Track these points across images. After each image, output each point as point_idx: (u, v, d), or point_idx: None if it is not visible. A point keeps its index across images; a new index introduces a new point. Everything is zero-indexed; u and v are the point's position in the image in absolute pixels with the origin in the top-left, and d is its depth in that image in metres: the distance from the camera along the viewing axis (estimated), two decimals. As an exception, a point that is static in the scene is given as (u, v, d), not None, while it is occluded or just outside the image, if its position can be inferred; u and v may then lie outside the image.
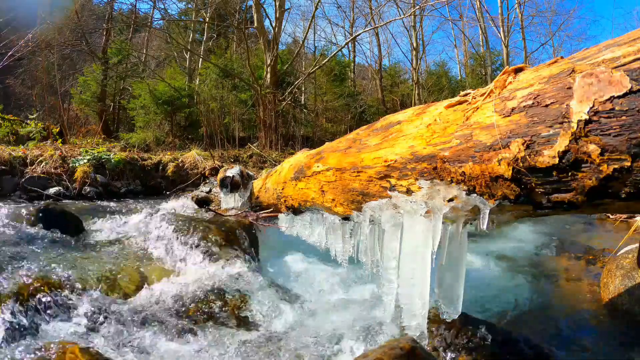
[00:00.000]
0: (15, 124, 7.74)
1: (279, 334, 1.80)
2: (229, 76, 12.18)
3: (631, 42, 0.96)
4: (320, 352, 1.63)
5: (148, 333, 1.71)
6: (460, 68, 21.28)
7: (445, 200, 1.37)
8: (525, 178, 1.14)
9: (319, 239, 2.49)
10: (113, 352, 1.54)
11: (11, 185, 5.26)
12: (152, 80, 11.86)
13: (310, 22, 13.60)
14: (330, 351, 1.63)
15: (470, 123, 1.32)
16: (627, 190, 0.96)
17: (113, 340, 1.64)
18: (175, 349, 1.63)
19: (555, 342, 1.77)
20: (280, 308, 2.06)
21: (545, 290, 2.38)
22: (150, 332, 1.72)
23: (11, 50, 8.85)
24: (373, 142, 1.84)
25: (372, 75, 20.38)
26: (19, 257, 2.14)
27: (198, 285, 2.12)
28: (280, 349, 1.67)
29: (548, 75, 1.12)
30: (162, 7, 13.18)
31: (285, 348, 1.67)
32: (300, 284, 2.44)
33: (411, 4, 15.22)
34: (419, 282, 1.46)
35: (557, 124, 1.03)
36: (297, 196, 2.57)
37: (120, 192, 5.99)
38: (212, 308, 1.96)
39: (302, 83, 13.04)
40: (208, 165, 6.70)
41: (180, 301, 1.98)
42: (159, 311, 1.89)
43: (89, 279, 2.03)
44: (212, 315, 1.92)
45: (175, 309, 1.93)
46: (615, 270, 2.13)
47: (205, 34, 15.51)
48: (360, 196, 1.88)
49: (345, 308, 2.02)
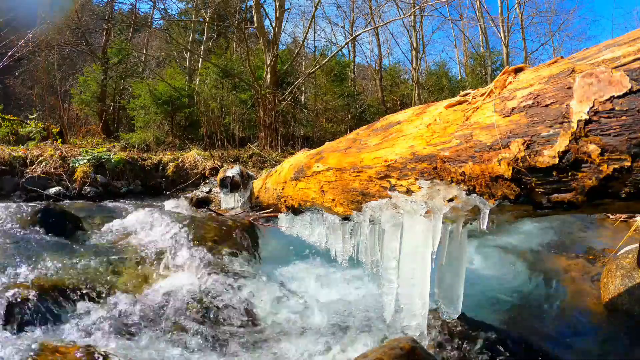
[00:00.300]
0: (15, 124, 7.74)
1: (279, 334, 1.80)
2: (229, 76, 12.17)
3: (631, 42, 0.96)
4: (320, 351, 1.63)
5: (148, 332, 1.71)
6: (460, 68, 21.28)
7: (445, 200, 1.37)
8: (525, 178, 1.14)
9: (319, 239, 2.49)
10: (113, 351, 1.54)
11: (11, 185, 5.26)
12: (152, 80, 11.86)
13: (310, 22, 13.60)
14: (330, 351, 1.63)
15: (470, 123, 1.32)
16: (627, 190, 0.96)
17: (113, 340, 1.64)
18: (175, 348, 1.63)
19: (555, 342, 1.77)
20: (280, 307, 2.06)
21: (545, 290, 2.38)
22: (151, 331, 1.72)
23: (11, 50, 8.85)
24: (373, 142, 1.84)
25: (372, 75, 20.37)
26: (19, 257, 2.15)
27: (198, 285, 2.12)
28: (280, 348, 1.67)
29: (548, 75, 1.12)
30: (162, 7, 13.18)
31: (285, 347, 1.67)
32: (300, 283, 2.44)
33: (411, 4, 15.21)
34: (419, 282, 1.46)
35: (557, 124, 1.03)
36: (297, 196, 2.57)
37: (120, 192, 5.98)
38: (212, 307, 1.96)
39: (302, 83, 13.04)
40: (208, 165, 6.70)
41: (180, 300, 1.98)
42: (159, 310, 1.89)
43: (88, 279, 2.03)
44: (212, 314, 1.92)
45: (176, 308, 1.93)
46: (615, 270, 2.13)
47: (205, 34, 15.50)
48: (360, 196, 1.88)
49: (345, 308, 2.02)
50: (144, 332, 1.71)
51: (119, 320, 1.77)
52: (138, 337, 1.68)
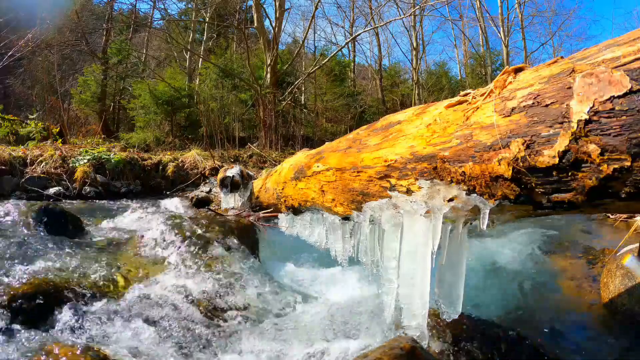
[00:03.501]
0: (15, 124, 7.74)
1: (279, 333, 1.80)
2: (229, 76, 12.18)
3: (631, 42, 0.96)
4: (320, 351, 1.62)
5: (148, 332, 1.71)
6: (460, 68, 21.29)
7: (445, 200, 1.37)
8: (525, 178, 1.14)
9: (319, 239, 2.49)
10: (113, 351, 1.54)
11: (11, 185, 5.26)
12: (152, 80, 11.87)
13: (310, 22, 13.61)
14: (330, 351, 1.63)
15: (470, 123, 1.32)
16: (627, 190, 0.96)
17: (113, 340, 1.64)
18: (175, 348, 1.63)
19: (555, 342, 1.77)
20: (280, 307, 2.06)
21: (545, 290, 2.38)
22: (151, 331, 1.72)
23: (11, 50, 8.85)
24: (373, 142, 1.84)
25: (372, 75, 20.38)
26: (19, 257, 2.14)
27: (198, 285, 2.12)
28: (280, 347, 1.67)
29: (548, 75, 1.12)
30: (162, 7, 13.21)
31: (284, 347, 1.67)
32: (300, 283, 2.44)
33: (411, 4, 15.23)
34: (419, 282, 1.46)
35: (557, 123, 1.03)
36: (297, 196, 2.57)
37: (120, 192, 5.99)
38: (211, 307, 1.96)
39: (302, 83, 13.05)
40: (208, 165, 6.71)
41: (180, 300, 1.98)
42: (159, 310, 1.89)
43: (88, 279, 2.03)
44: (211, 314, 1.92)
45: (176, 308, 1.93)
46: (615, 270, 2.13)
47: (205, 34, 15.51)
48: (361, 196, 1.88)
49: (344, 307, 2.02)
50: (144, 332, 1.71)
51: (119, 320, 1.76)
52: (138, 337, 1.68)
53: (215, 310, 1.96)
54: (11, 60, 8.85)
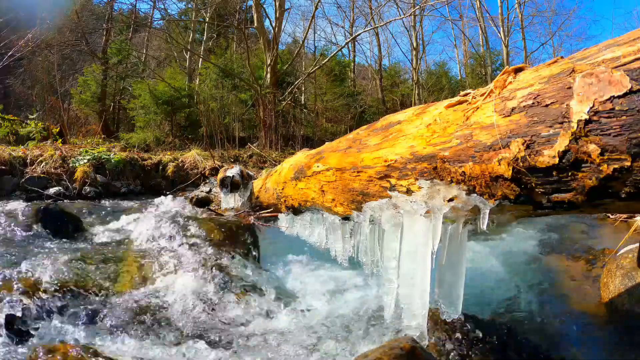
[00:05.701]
0: (15, 124, 7.74)
1: (279, 333, 1.80)
2: (229, 76, 12.18)
3: (631, 42, 0.96)
4: (320, 351, 1.63)
5: (148, 332, 1.71)
6: (460, 68, 21.29)
7: (445, 200, 1.37)
8: (525, 178, 1.14)
9: (319, 239, 2.49)
10: (113, 351, 1.54)
11: (11, 185, 5.26)
12: (152, 80, 11.87)
13: (310, 22, 13.62)
14: (329, 351, 1.63)
15: (470, 123, 1.32)
16: (627, 190, 0.96)
17: (113, 340, 1.64)
18: (175, 348, 1.63)
19: (555, 342, 1.77)
20: (280, 307, 2.06)
21: (545, 290, 2.37)
22: (151, 330, 1.72)
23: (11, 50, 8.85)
24: (373, 142, 1.84)
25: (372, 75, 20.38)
26: (18, 257, 2.14)
27: (197, 285, 2.12)
28: (280, 347, 1.67)
29: (548, 75, 1.12)
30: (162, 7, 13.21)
31: (285, 347, 1.67)
32: (300, 283, 2.44)
33: (411, 4, 15.23)
34: (419, 282, 1.46)
35: (557, 123, 1.03)
36: (297, 196, 2.57)
37: (120, 192, 5.99)
38: (211, 307, 1.96)
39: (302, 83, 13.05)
40: (208, 165, 6.71)
41: (179, 300, 1.98)
42: (158, 310, 1.89)
43: (88, 279, 2.03)
44: (211, 314, 1.92)
45: (175, 308, 1.93)
46: (615, 270, 2.13)
47: (205, 34, 15.51)
48: (361, 196, 1.88)
49: (345, 308, 2.02)
50: (144, 332, 1.71)
51: (119, 320, 1.77)
52: (138, 337, 1.68)
53: (215, 310, 1.96)
54: (11, 60, 8.85)
